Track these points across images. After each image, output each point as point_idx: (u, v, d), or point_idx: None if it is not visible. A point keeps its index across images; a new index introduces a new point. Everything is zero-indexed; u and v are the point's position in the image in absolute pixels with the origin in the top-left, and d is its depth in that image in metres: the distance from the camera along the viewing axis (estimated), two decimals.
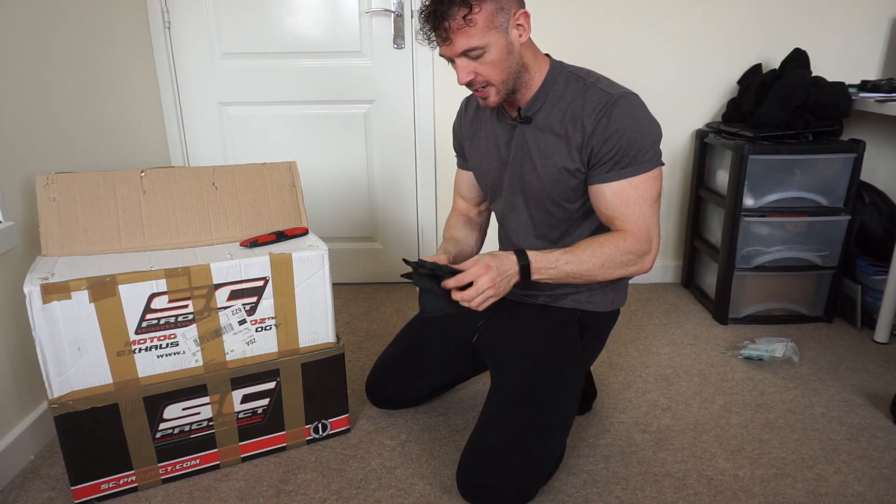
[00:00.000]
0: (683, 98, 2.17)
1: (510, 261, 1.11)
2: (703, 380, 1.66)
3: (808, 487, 1.24)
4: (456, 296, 1.09)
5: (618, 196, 1.14)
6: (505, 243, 1.42)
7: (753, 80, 2.01)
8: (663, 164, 1.17)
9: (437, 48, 1.12)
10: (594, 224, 1.26)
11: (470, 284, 1.08)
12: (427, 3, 1.08)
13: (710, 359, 1.78)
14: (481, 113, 1.33)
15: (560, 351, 1.26)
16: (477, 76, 1.11)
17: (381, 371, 1.48)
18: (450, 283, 1.09)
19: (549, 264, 1.13)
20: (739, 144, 1.84)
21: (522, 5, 1.12)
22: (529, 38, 1.15)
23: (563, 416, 1.20)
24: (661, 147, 1.17)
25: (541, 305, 1.32)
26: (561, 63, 1.21)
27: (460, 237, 1.40)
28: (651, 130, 1.14)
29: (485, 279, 1.07)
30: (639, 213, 1.14)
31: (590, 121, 1.12)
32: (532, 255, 1.13)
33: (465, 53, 1.08)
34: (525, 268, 1.12)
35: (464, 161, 1.42)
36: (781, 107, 1.86)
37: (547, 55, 1.22)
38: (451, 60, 1.12)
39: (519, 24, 1.10)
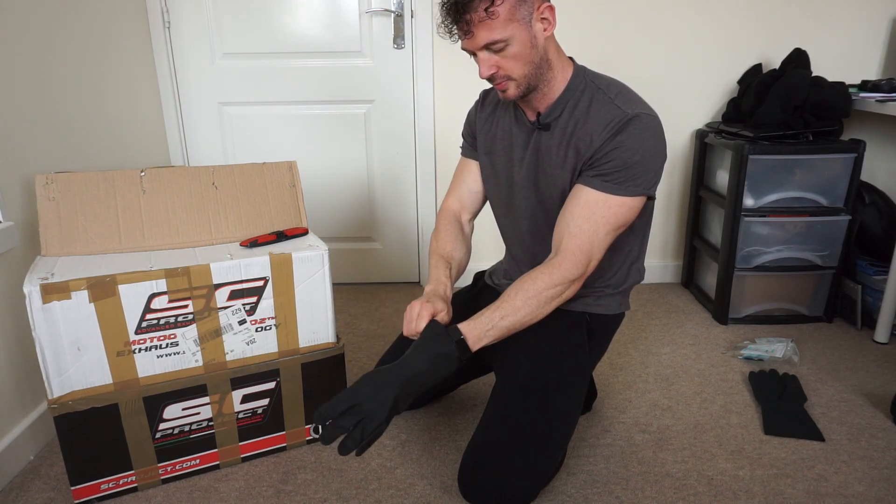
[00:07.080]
0: (683, 98, 2.17)
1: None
2: (703, 380, 1.66)
3: (808, 487, 1.24)
4: None
5: (587, 206, 1.10)
6: (507, 248, 1.41)
7: (753, 80, 2.01)
8: (652, 198, 1.14)
9: (459, 42, 1.10)
10: None
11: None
12: None
13: (710, 359, 1.78)
14: (499, 111, 1.29)
15: (565, 354, 1.25)
16: (499, 70, 1.09)
17: None
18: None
19: (485, 327, 1.07)
20: (739, 144, 1.84)
21: None
22: (553, 36, 1.12)
23: (567, 419, 1.19)
24: None
25: None
26: (585, 69, 1.18)
27: (456, 258, 1.30)
28: (655, 158, 1.10)
29: None
30: (591, 234, 1.09)
31: (599, 137, 1.09)
32: (465, 327, 1.07)
33: (487, 47, 1.06)
34: (462, 342, 1.06)
35: (474, 151, 1.36)
36: (781, 107, 1.86)
37: (571, 59, 1.19)
38: (473, 54, 1.10)
39: (543, 18, 1.08)
